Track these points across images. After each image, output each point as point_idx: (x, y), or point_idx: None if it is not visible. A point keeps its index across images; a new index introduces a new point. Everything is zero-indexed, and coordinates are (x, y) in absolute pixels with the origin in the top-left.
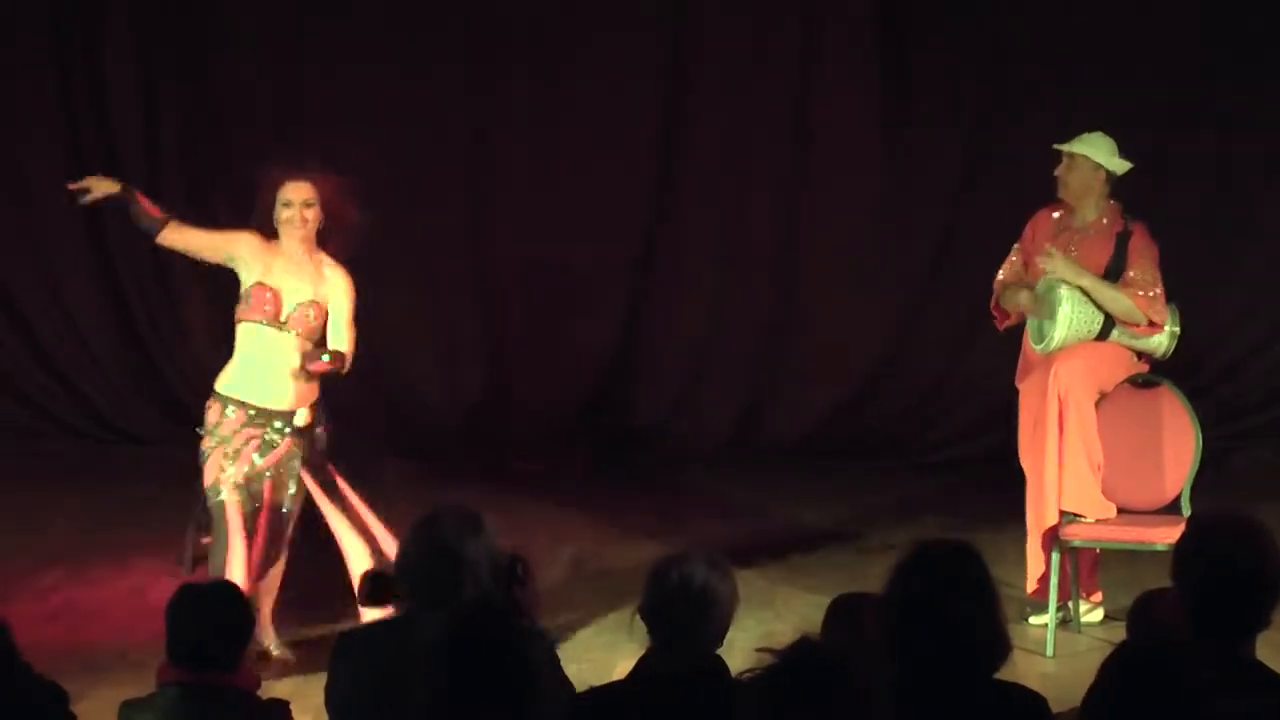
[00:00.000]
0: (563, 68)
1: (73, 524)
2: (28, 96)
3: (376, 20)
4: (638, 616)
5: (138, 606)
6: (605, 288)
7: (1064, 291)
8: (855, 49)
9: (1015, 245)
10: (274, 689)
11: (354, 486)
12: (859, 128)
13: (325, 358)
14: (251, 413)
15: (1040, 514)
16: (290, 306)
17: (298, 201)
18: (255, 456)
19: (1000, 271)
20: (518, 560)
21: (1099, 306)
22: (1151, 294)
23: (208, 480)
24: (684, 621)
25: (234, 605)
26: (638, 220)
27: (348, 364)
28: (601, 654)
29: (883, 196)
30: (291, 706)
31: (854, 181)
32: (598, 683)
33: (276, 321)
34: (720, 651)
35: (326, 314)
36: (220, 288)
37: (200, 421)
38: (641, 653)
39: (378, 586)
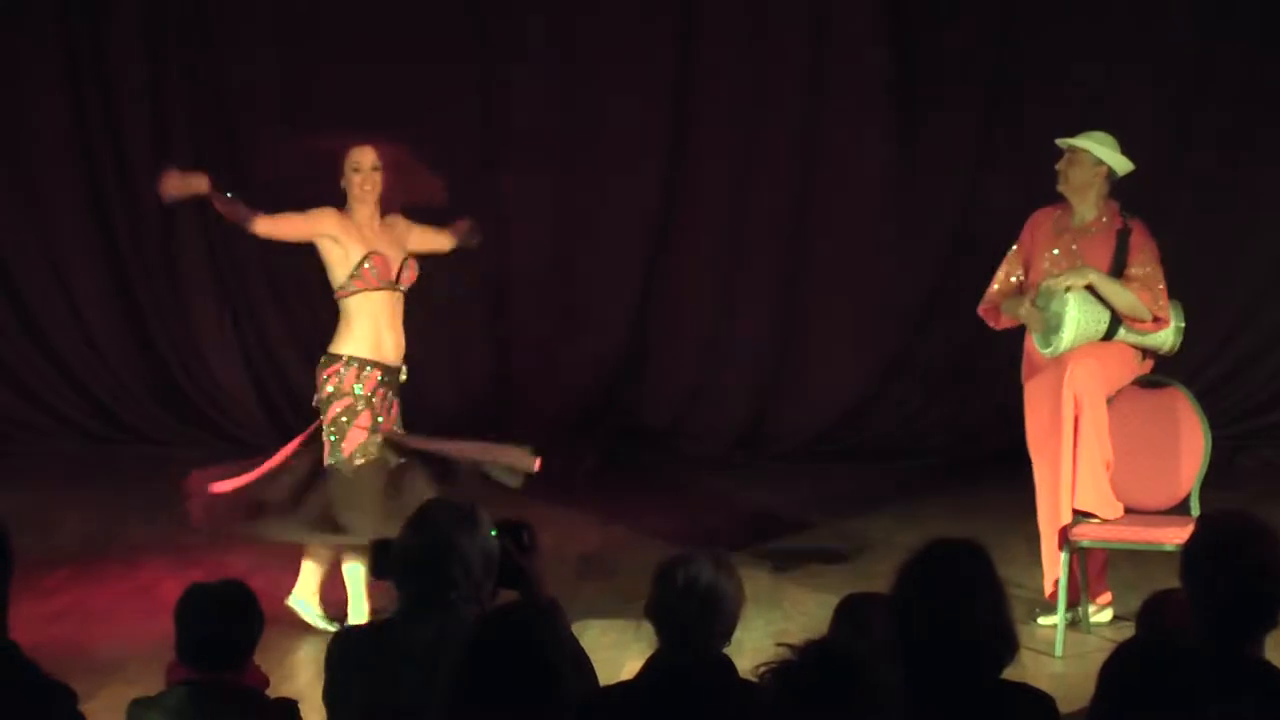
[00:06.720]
0: (571, 67)
1: (81, 524)
2: (35, 89)
3: (383, 14)
4: (645, 617)
5: (146, 606)
6: (613, 289)
7: (1070, 294)
8: (863, 41)
9: (1011, 250)
10: (283, 688)
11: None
12: (867, 126)
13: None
14: (381, 374)
15: (1055, 515)
16: (396, 266)
17: (366, 166)
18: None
19: (994, 282)
20: (523, 528)
21: (1105, 304)
22: (1155, 289)
23: (349, 447)
24: (690, 621)
25: (243, 604)
26: (645, 221)
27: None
28: (609, 654)
29: (891, 195)
30: (300, 706)
31: (862, 181)
32: (606, 682)
33: (392, 284)
34: (728, 651)
35: (415, 263)
36: (228, 290)
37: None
38: (649, 653)
39: (381, 557)
